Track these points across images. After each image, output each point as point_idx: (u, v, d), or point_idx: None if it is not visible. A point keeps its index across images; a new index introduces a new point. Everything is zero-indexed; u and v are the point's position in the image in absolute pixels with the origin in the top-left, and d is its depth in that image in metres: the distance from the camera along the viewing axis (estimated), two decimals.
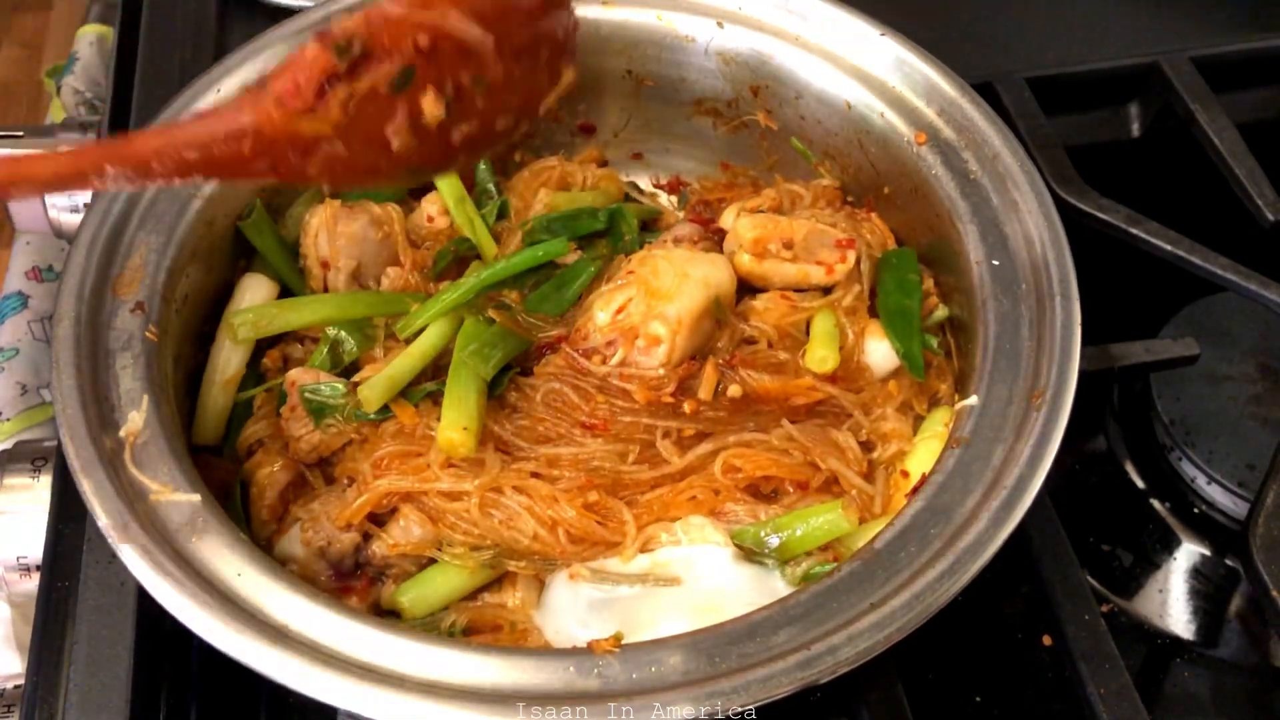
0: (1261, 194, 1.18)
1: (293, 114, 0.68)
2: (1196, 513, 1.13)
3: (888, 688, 0.88)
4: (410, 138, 0.72)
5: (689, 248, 1.03)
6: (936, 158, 1.01)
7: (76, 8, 1.88)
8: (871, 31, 1.06)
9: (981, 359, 0.90)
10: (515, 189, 1.12)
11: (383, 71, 0.69)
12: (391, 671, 0.74)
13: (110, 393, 0.86)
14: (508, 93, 0.76)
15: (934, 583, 0.77)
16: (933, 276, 1.03)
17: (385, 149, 0.72)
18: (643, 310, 0.93)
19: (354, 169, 0.72)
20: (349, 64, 0.68)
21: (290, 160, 0.69)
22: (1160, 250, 1.13)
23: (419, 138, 0.72)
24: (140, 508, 0.80)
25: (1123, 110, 1.33)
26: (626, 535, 0.88)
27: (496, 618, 0.89)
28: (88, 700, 0.82)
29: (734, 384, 0.94)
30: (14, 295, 1.34)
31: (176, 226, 0.96)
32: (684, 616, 0.84)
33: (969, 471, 0.83)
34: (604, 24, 1.13)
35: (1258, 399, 1.16)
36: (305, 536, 0.89)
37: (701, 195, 1.18)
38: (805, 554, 0.88)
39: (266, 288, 1.02)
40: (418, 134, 0.72)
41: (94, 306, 0.90)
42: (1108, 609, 1.07)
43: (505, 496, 0.88)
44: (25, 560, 0.93)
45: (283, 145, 0.69)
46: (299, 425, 0.93)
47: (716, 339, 0.96)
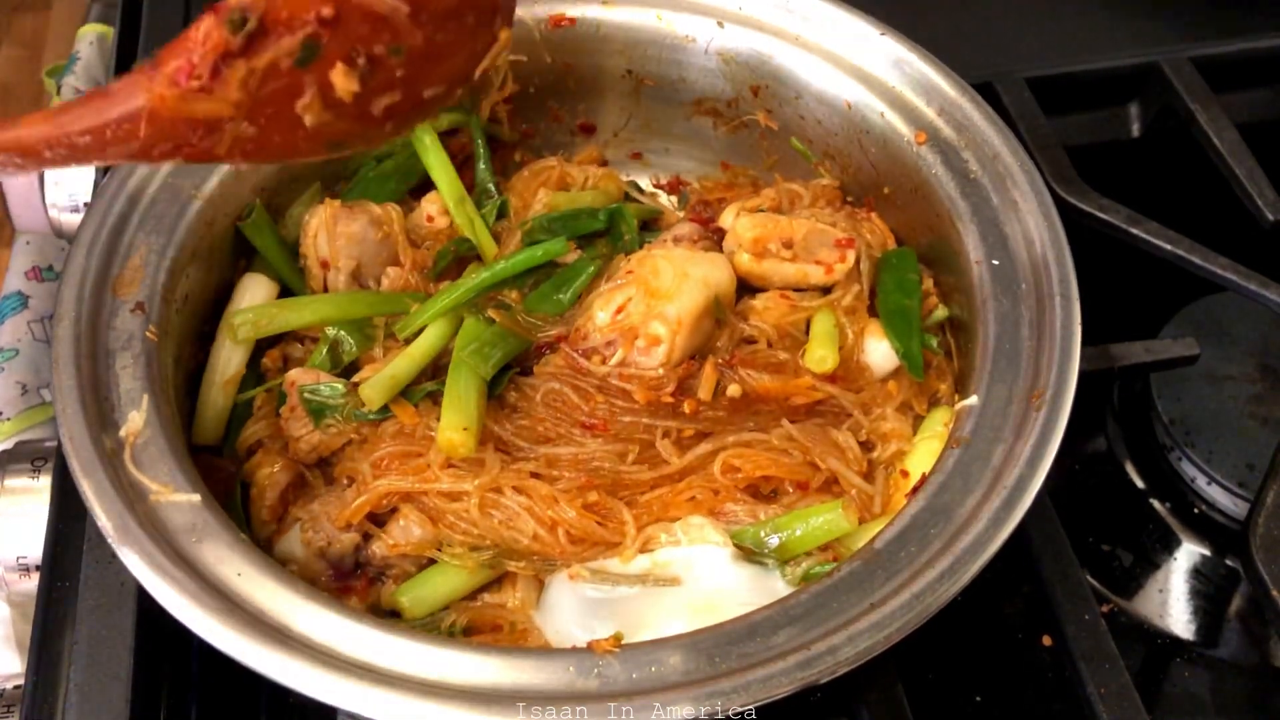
0: (1261, 194, 1.18)
1: (187, 95, 0.64)
2: (1196, 513, 1.13)
3: (888, 688, 0.88)
4: (324, 113, 0.67)
5: (689, 247, 1.03)
6: (936, 158, 1.01)
7: (76, 8, 1.88)
8: (871, 31, 1.06)
9: (981, 359, 0.90)
10: (515, 189, 1.12)
11: (284, 46, 0.65)
12: (391, 671, 0.74)
13: (110, 393, 0.86)
14: (433, 60, 0.70)
15: (934, 583, 0.77)
16: (933, 276, 1.03)
17: (298, 126, 0.67)
18: (642, 310, 0.93)
19: (266, 147, 0.68)
20: (245, 39, 0.64)
21: (193, 142, 0.66)
22: (1160, 250, 1.13)
23: (335, 112, 0.68)
24: (140, 508, 0.80)
25: (1123, 110, 1.33)
26: (626, 535, 0.88)
27: (496, 618, 0.89)
28: (88, 700, 0.82)
29: (733, 384, 0.94)
30: (14, 295, 1.34)
31: (176, 226, 0.96)
32: (683, 617, 0.84)
33: (969, 471, 0.83)
34: (604, 24, 1.13)
35: (1258, 399, 1.16)
36: (305, 537, 0.89)
37: (701, 195, 1.18)
38: (805, 554, 0.88)
39: (266, 288, 1.02)
40: (332, 108, 0.68)
41: (94, 306, 0.90)
42: (1108, 609, 1.07)
43: (505, 497, 0.88)
44: (25, 560, 0.93)
45: (181, 127, 0.65)
46: (299, 425, 0.93)
47: (716, 338, 0.96)
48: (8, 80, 2.81)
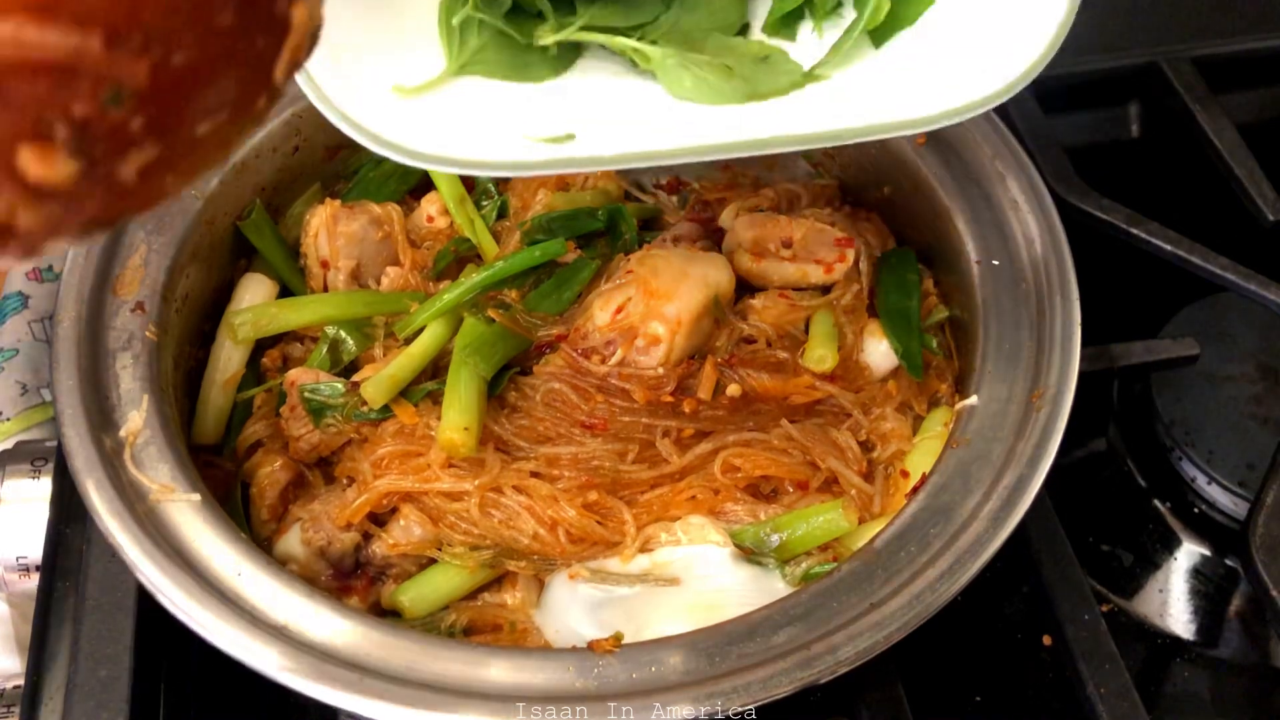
0: (1261, 194, 1.18)
1: None
2: (1196, 513, 1.13)
3: (888, 688, 0.88)
4: (38, 210, 0.47)
5: (688, 247, 1.03)
6: (936, 158, 1.01)
7: None
8: None
9: (981, 359, 0.90)
10: (515, 189, 1.12)
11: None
12: (391, 671, 0.74)
13: (110, 393, 0.86)
14: (185, 86, 0.50)
15: (934, 583, 0.77)
16: (933, 276, 1.03)
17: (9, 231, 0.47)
18: (642, 310, 0.93)
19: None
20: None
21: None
22: (1160, 250, 1.13)
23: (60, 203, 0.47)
24: (140, 508, 0.80)
25: (1123, 110, 1.33)
26: (626, 535, 0.88)
27: (496, 617, 0.89)
28: (88, 700, 0.82)
29: (733, 383, 0.94)
30: (14, 295, 1.34)
31: (176, 226, 0.96)
32: (683, 616, 0.84)
33: (969, 471, 0.83)
34: None
35: (1258, 399, 1.16)
36: (305, 536, 0.89)
37: (701, 195, 1.17)
38: (805, 554, 0.88)
39: (266, 288, 1.02)
40: (47, 201, 0.47)
41: (94, 306, 0.90)
42: (1108, 609, 1.07)
43: (505, 496, 0.89)
44: (25, 560, 0.93)
45: None
46: (298, 425, 0.93)
47: (715, 338, 0.96)
48: None
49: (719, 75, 0.80)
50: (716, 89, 0.80)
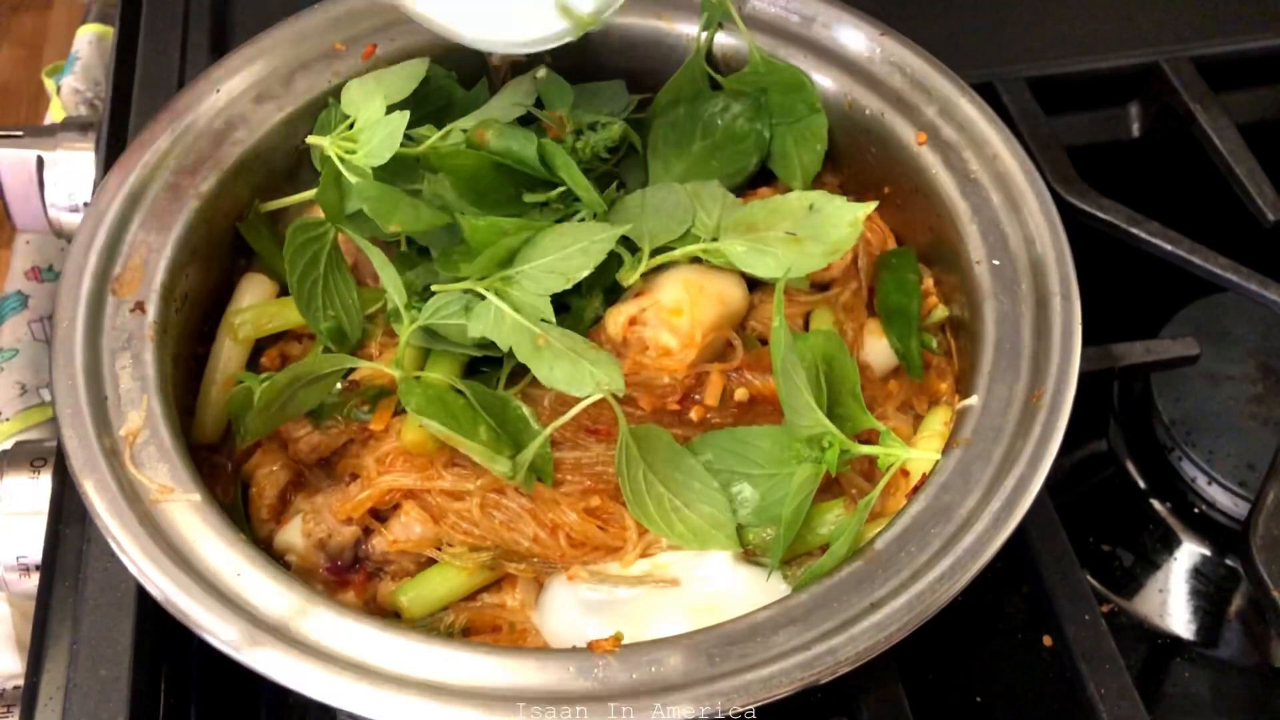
0: (1262, 194, 1.18)
1: None
2: (1197, 513, 1.13)
3: (888, 688, 0.88)
4: None
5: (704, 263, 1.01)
6: (936, 158, 1.01)
7: (76, 8, 1.88)
8: (872, 31, 1.06)
9: (981, 359, 0.90)
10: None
11: None
12: (391, 672, 0.74)
13: (110, 393, 0.86)
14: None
15: (934, 583, 0.77)
16: (933, 276, 1.03)
17: None
18: (654, 322, 0.93)
19: None
20: None
21: None
22: (1160, 250, 1.13)
23: None
24: (140, 508, 0.80)
25: (1123, 110, 1.33)
26: (627, 541, 0.88)
27: (496, 618, 0.89)
28: (88, 700, 0.82)
29: (740, 388, 0.94)
30: (14, 295, 1.34)
31: (176, 226, 0.95)
32: (683, 617, 0.83)
33: (969, 471, 0.83)
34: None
35: (1258, 399, 1.16)
36: (307, 528, 0.89)
37: None
38: (806, 554, 0.88)
39: (266, 287, 1.02)
40: None
41: (94, 306, 0.90)
42: (1108, 609, 1.07)
43: (507, 498, 0.88)
44: (25, 560, 0.93)
45: None
46: (298, 425, 0.93)
47: (728, 355, 0.96)
48: (8, 80, 2.81)
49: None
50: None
